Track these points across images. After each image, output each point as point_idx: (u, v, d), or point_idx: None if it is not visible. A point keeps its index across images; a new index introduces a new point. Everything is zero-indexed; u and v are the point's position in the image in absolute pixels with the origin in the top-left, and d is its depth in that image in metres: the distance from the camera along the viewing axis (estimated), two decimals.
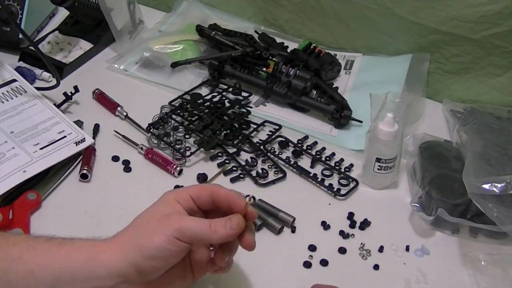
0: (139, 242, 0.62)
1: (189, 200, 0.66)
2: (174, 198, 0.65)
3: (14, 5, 1.11)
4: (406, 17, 1.09)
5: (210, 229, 0.62)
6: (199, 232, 0.62)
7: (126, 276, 0.62)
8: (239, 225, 0.63)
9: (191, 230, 0.62)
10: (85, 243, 0.64)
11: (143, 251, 0.61)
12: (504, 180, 0.81)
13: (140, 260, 0.61)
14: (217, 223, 0.63)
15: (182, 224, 0.62)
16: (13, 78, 1.00)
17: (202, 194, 0.66)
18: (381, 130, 0.88)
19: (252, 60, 1.09)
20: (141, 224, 0.64)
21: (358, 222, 0.87)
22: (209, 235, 0.62)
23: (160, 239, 0.61)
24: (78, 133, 0.93)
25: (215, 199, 0.66)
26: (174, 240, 0.61)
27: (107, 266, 0.61)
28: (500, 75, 1.08)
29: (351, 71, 1.17)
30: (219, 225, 0.63)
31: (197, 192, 0.66)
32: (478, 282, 0.79)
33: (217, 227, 0.63)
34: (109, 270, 0.61)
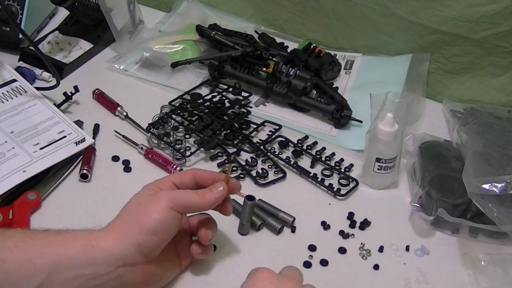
0: (137, 221, 0.65)
1: (172, 187, 0.70)
2: (156, 186, 0.70)
3: (14, 5, 1.11)
4: (406, 17, 1.09)
5: (198, 195, 0.68)
6: (189, 199, 0.68)
7: (126, 258, 0.64)
8: (224, 188, 0.70)
9: (182, 198, 0.67)
10: (80, 232, 0.66)
11: (142, 228, 0.64)
12: (504, 180, 0.81)
13: (140, 238, 0.64)
14: (203, 190, 0.70)
15: (172, 195, 0.67)
16: (13, 78, 1.00)
17: (184, 179, 0.71)
18: (381, 130, 0.88)
19: (252, 60, 1.09)
20: (132, 207, 0.67)
21: (358, 222, 0.87)
22: (199, 201, 0.68)
23: (157, 212, 0.65)
24: (78, 133, 0.93)
25: (197, 181, 0.71)
26: (169, 209, 0.65)
27: (105, 250, 0.63)
28: (500, 75, 1.08)
29: (351, 71, 1.17)
30: (205, 191, 0.69)
31: (179, 177, 0.71)
32: (478, 282, 0.79)
33: (204, 193, 0.69)
34: (107, 254, 0.63)
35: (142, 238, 0.64)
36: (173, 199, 0.66)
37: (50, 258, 0.61)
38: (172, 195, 0.67)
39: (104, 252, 0.63)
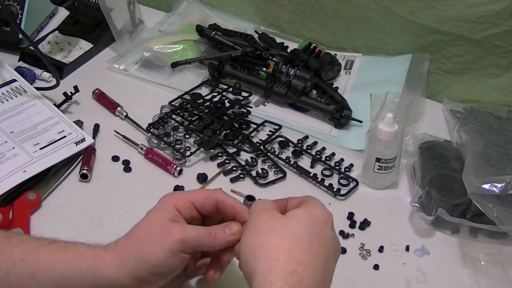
0: (143, 257, 0.61)
1: (190, 208, 0.65)
2: (174, 205, 0.65)
3: (14, 5, 1.11)
4: (406, 17, 1.09)
5: (210, 236, 0.63)
6: (200, 241, 0.63)
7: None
8: (239, 232, 0.64)
9: (193, 240, 0.62)
10: (87, 251, 0.63)
11: (147, 267, 0.61)
12: (504, 180, 0.81)
13: (143, 275, 0.61)
14: (216, 229, 0.64)
15: (184, 236, 0.61)
16: (13, 78, 1.00)
17: (207, 203, 0.66)
18: (381, 130, 0.88)
19: (252, 60, 1.09)
20: (142, 236, 0.62)
21: (358, 222, 0.87)
22: (209, 242, 0.63)
23: (164, 254, 0.61)
24: (78, 133, 0.93)
25: (220, 208, 0.66)
26: (177, 253, 0.61)
27: (108, 278, 0.61)
28: (500, 75, 1.08)
29: (351, 71, 1.17)
30: (219, 232, 0.64)
31: (202, 200, 0.66)
32: (478, 282, 0.79)
33: (217, 234, 0.64)
34: (110, 282, 0.61)
35: (144, 276, 0.61)
36: (184, 242, 0.61)
37: (54, 277, 0.60)
38: (184, 235, 0.61)
39: (108, 279, 0.61)
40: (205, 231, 0.63)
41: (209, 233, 0.63)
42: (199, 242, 0.63)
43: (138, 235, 0.63)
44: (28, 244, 0.62)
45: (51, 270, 0.60)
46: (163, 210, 0.64)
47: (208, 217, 0.68)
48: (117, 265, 0.61)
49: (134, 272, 0.61)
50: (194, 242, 0.62)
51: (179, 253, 0.61)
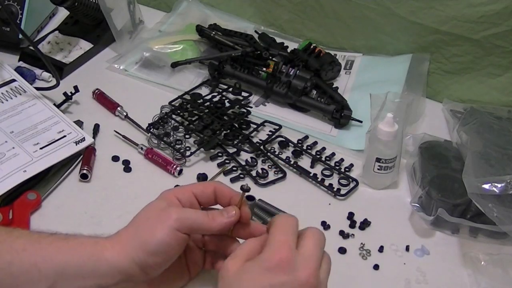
0: (141, 238, 0.62)
1: (191, 198, 0.67)
2: (174, 195, 0.67)
3: (14, 5, 1.11)
4: (406, 17, 1.09)
5: (208, 218, 0.65)
6: (198, 221, 0.64)
7: (129, 274, 0.62)
8: (236, 213, 0.66)
9: (190, 219, 0.63)
10: (88, 239, 0.64)
11: (146, 247, 0.61)
12: (504, 180, 0.81)
13: (143, 257, 0.61)
14: (214, 213, 0.66)
15: (181, 215, 0.63)
16: (12, 78, 1.00)
17: (205, 191, 0.68)
18: (381, 130, 0.88)
19: (252, 60, 1.09)
20: (141, 221, 0.64)
21: (358, 222, 0.87)
22: (208, 223, 0.64)
23: (162, 232, 0.61)
24: (78, 132, 0.93)
25: (218, 196, 0.68)
26: (175, 232, 0.62)
27: (109, 263, 0.61)
28: (500, 75, 1.08)
29: (351, 71, 1.17)
30: (216, 214, 0.65)
31: (200, 189, 0.68)
32: (478, 282, 0.79)
33: (215, 216, 0.65)
34: (111, 267, 0.62)
35: (144, 257, 0.62)
36: (181, 220, 0.62)
37: (56, 265, 0.61)
38: (181, 215, 0.63)
39: (109, 264, 0.62)
40: (202, 213, 0.65)
41: (206, 215, 0.65)
42: (196, 222, 0.64)
43: (136, 221, 0.65)
44: (30, 236, 0.64)
45: (53, 259, 0.61)
46: (163, 198, 0.67)
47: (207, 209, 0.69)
48: (117, 250, 0.62)
49: (133, 255, 0.62)
50: (192, 221, 0.63)
51: (177, 232, 0.62)
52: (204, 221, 0.64)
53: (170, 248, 0.62)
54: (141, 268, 0.62)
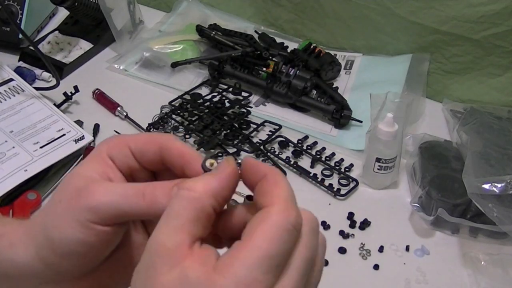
0: (48, 233, 0.42)
1: (127, 156, 0.44)
2: (108, 154, 0.44)
3: (14, 5, 1.11)
4: (406, 17, 1.09)
5: (143, 199, 0.40)
6: (125, 206, 0.40)
7: (41, 277, 0.43)
8: (193, 192, 0.39)
9: (111, 207, 0.40)
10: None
11: (54, 247, 0.41)
12: (504, 180, 0.81)
13: (53, 258, 0.42)
14: (156, 189, 0.41)
15: (97, 201, 0.40)
16: (10, 77, 1.00)
17: (147, 150, 0.44)
18: (381, 130, 0.88)
19: (252, 60, 1.09)
20: (52, 205, 0.43)
21: (358, 222, 0.87)
22: (142, 209, 0.40)
23: (71, 228, 0.40)
24: (77, 131, 0.93)
25: (165, 158, 0.43)
26: (90, 226, 0.40)
27: (17, 264, 0.43)
28: (500, 75, 1.08)
29: (351, 71, 1.17)
30: (160, 193, 0.40)
31: (141, 146, 0.44)
32: (478, 282, 0.79)
33: (158, 196, 0.40)
34: (20, 270, 0.43)
35: (53, 258, 0.42)
36: (96, 210, 0.40)
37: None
38: (98, 199, 0.40)
39: (16, 266, 0.43)
40: (134, 191, 0.41)
41: (140, 194, 0.40)
42: (123, 209, 0.40)
43: (49, 204, 0.43)
44: None
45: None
46: (92, 160, 0.44)
47: (159, 174, 0.45)
48: (25, 245, 0.43)
49: (42, 254, 0.42)
50: (114, 209, 0.40)
51: (93, 225, 0.40)
52: (137, 206, 0.40)
53: (88, 247, 0.41)
54: (53, 271, 0.42)
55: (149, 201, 0.40)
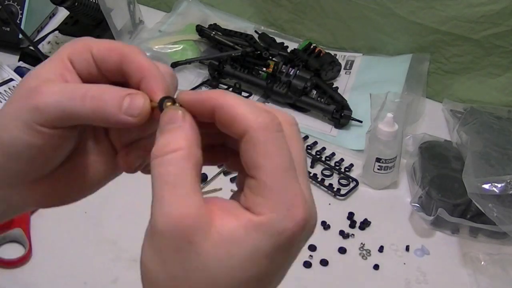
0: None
1: (88, 61, 0.41)
2: (68, 56, 0.41)
3: (14, 5, 1.11)
4: (406, 17, 1.09)
5: (89, 102, 0.37)
6: (69, 109, 0.37)
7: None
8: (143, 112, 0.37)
9: (56, 108, 0.38)
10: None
11: (3, 148, 0.40)
12: (504, 180, 0.81)
13: (2, 160, 0.40)
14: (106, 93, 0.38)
15: (42, 102, 0.38)
16: (10, 77, 1.00)
17: (109, 57, 0.41)
18: (381, 130, 0.88)
19: (252, 60, 1.09)
20: (6, 103, 0.40)
21: (358, 222, 0.87)
22: (88, 113, 0.38)
23: (18, 129, 0.38)
24: None
25: (124, 68, 0.40)
26: (35, 127, 0.38)
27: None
28: (500, 75, 1.08)
29: (351, 71, 1.17)
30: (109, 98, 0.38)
31: (103, 52, 0.41)
32: (478, 282, 0.79)
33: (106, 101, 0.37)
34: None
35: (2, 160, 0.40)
36: (40, 109, 0.38)
37: None
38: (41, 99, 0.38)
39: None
40: (81, 92, 0.38)
41: (88, 96, 0.37)
42: (67, 111, 0.38)
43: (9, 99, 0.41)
44: None
45: None
46: (51, 62, 0.41)
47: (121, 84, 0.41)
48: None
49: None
50: (59, 110, 0.38)
51: (38, 127, 0.38)
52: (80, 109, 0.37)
53: (36, 150, 0.39)
54: (8, 176, 0.41)
55: (95, 105, 0.37)
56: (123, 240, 0.80)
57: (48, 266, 0.77)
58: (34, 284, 0.75)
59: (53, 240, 0.80)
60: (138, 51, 0.40)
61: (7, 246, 0.79)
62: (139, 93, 0.38)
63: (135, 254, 0.81)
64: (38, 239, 0.79)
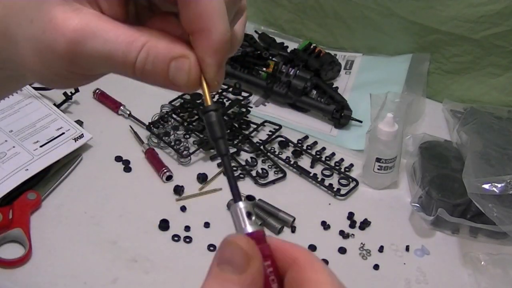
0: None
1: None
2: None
3: None
4: (406, 17, 1.09)
5: (130, 48, 0.32)
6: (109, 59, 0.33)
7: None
8: (188, 75, 0.32)
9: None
10: None
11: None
12: (504, 180, 0.81)
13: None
14: (153, 43, 0.32)
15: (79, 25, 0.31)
16: None
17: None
18: (381, 130, 0.88)
19: (252, 60, 1.09)
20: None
21: (358, 222, 0.87)
22: (124, 65, 0.34)
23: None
24: (76, 129, 0.93)
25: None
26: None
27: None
28: (500, 75, 1.08)
29: (351, 71, 1.17)
30: (157, 51, 0.32)
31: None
32: (478, 282, 0.79)
33: (153, 54, 0.32)
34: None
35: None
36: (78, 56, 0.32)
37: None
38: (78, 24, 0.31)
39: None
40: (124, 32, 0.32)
41: (130, 39, 0.32)
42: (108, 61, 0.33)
43: None
44: None
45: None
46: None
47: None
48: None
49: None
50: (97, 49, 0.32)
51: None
52: (118, 57, 0.33)
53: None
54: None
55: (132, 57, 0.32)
56: (123, 240, 0.80)
57: (48, 266, 0.77)
58: (34, 284, 0.75)
59: (53, 240, 0.80)
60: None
61: (7, 246, 0.79)
62: (186, 57, 0.32)
63: (134, 254, 0.81)
64: (38, 239, 0.79)
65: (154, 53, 0.32)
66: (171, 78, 0.32)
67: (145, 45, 0.32)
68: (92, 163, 0.92)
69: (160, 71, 0.32)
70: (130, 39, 0.32)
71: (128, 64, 0.33)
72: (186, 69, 0.32)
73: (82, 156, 0.92)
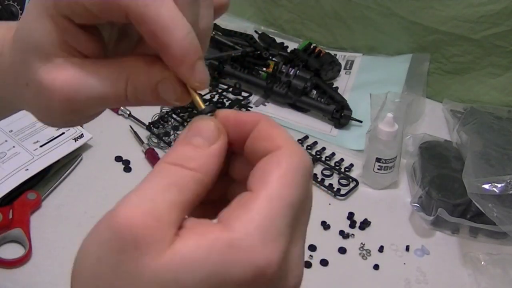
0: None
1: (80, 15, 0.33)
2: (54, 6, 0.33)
3: (14, 5, 1.11)
4: (406, 17, 1.09)
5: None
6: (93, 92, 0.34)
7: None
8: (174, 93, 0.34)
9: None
10: None
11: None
12: (504, 180, 0.81)
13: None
14: (134, 75, 0.34)
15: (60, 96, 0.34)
16: None
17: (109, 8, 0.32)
18: (381, 130, 0.88)
19: (252, 60, 1.09)
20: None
21: (358, 222, 0.87)
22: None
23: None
24: (76, 129, 0.93)
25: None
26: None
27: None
28: (500, 75, 1.08)
29: (351, 71, 1.17)
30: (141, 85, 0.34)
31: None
32: (478, 282, 0.79)
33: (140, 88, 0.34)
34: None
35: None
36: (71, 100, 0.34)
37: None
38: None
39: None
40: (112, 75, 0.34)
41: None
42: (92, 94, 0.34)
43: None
44: None
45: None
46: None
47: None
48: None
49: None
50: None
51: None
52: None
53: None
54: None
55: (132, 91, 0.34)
56: None
57: (48, 266, 0.77)
58: (34, 284, 0.75)
59: (53, 240, 0.80)
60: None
61: (7, 246, 0.79)
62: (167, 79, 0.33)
63: None
64: (38, 239, 0.79)
65: (139, 85, 0.34)
66: (163, 98, 0.34)
67: (129, 79, 0.34)
68: (92, 163, 0.92)
69: (151, 97, 0.34)
70: (114, 77, 0.34)
71: (122, 99, 0.35)
72: (171, 89, 0.34)
73: (82, 156, 0.92)
